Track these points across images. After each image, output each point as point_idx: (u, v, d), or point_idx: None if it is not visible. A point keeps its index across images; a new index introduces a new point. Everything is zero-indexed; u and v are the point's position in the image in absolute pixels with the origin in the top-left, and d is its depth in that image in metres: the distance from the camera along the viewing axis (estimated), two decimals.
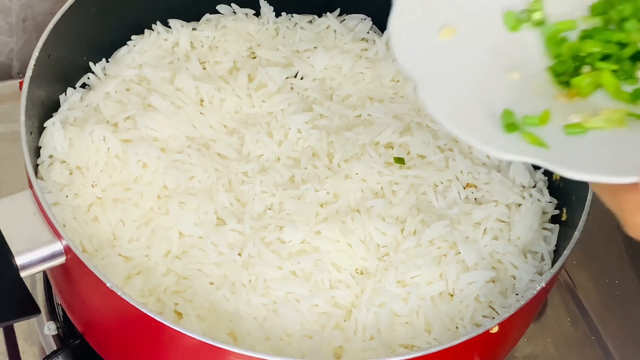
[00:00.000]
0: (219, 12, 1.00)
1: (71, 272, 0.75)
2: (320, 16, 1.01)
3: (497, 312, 0.79)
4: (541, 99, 0.63)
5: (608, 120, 0.60)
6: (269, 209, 0.83)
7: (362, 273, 0.80)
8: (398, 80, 0.95)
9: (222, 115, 0.90)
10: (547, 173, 0.89)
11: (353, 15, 1.01)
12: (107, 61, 0.94)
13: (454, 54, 0.64)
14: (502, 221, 0.84)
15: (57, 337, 0.91)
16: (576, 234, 0.76)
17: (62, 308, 0.92)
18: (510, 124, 0.60)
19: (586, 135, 0.60)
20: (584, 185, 0.80)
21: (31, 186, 0.76)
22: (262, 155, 0.87)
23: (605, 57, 0.64)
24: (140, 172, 0.83)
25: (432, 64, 0.63)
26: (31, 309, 0.74)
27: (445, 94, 0.62)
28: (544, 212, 0.86)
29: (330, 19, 1.00)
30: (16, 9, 1.15)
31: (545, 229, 0.85)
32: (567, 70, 0.64)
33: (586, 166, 0.56)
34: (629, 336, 0.98)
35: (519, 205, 0.85)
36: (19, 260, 0.73)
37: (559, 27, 0.66)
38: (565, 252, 0.75)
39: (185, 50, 0.95)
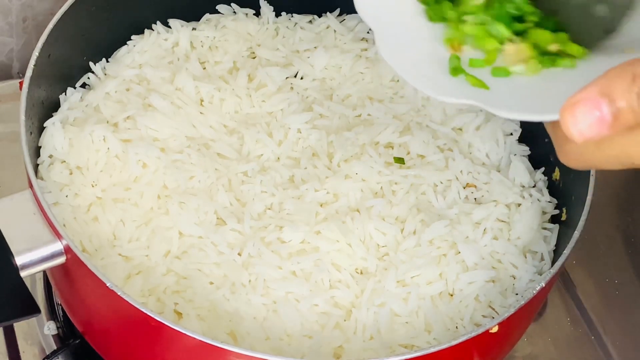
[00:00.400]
0: (219, 12, 1.00)
1: (71, 272, 0.75)
2: (320, 16, 1.01)
3: (497, 312, 0.79)
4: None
5: (530, 68, 0.63)
6: (269, 208, 0.83)
7: (362, 273, 0.80)
8: (398, 80, 0.95)
9: (222, 115, 0.90)
10: (547, 173, 0.89)
11: (353, 15, 1.01)
12: (107, 61, 0.94)
13: (412, 1, 0.67)
14: (502, 221, 0.84)
15: (57, 337, 0.91)
16: (576, 234, 0.76)
17: (62, 308, 0.92)
18: (456, 68, 0.62)
19: (521, 77, 0.62)
20: (583, 185, 0.80)
21: (31, 186, 0.76)
22: (262, 155, 0.87)
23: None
24: (140, 172, 0.83)
25: (391, 11, 0.65)
26: (31, 309, 0.74)
27: (402, 41, 0.64)
28: (544, 212, 0.87)
29: (330, 19, 1.00)
30: (16, 9, 1.15)
31: (545, 228, 0.85)
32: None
33: (519, 106, 0.59)
34: (629, 336, 0.98)
35: (519, 205, 0.85)
36: (19, 260, 0.73)
37: None
38: (565, 251, 0.75)
39: (185, 50, 0.95)
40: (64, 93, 0.90)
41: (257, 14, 1.00)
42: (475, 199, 0.86)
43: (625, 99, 0.49)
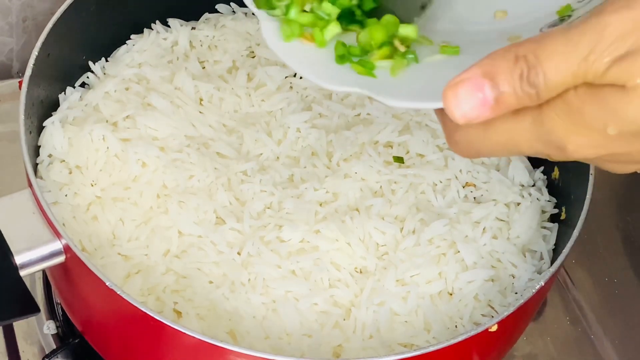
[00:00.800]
0: (218, 11, 1.00)
1: (70, 271, 0.75)
2: None
3: (496, 311, 0.79)
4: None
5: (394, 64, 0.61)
6: (268, 208, 0.83)
7: (361, 272, 0.80)
8: None
9: (221, 115, 0.90)
10: (546, 172, 0.89)
11: None
12: (107, 60, 0.94)
13: None
14: (501, 220, 0.84)
15: (56, 336, 0.91)
16: (575, 233, 0.76)
17: (61, 307, 0.92)
18: (341, 55, 0.61)
19: (409, 66, 0.60)
20: (583, 184, 0.80)
21: (30, 185, 0.76)
22: (261, 154, 0.87)
23: None
24: (139, 171, 0.83)
25: None
26: (30, 308, 0.74)
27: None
28: (543, 211, 0.87)
29: None
30: (16, 9, 1.15)
31: (544, 227, 0.85)
32: None
33: (404, 94, 0.57)
34: (629, 336, 0.98)
35: (518, 204, 0.85)
36: (19, 259, 0.73)
37: None
38: (564, 250, 0.75)
39: (185, 50, 0.95)
40: (63, 92, 0.90)
41: None
42: (474, 198, 0.86)
43: (507, 80, 0.47)
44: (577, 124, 0.48)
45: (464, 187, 0.86)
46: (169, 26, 0.97)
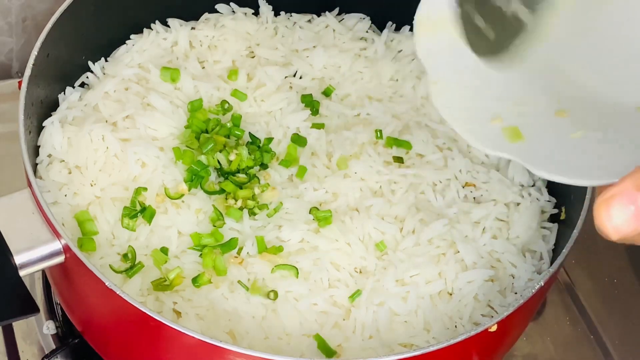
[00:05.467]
0: (218, 12, 1.00)
1: (70, 271, 0.75)
2: (319, 15, 1.01)
3: (496, 311, 0.79)
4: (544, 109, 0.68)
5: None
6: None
7: (361, 272, 0.80)
8: (397, 80, 0.95)
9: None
10: None
11: (352, 14, 1.01)
12: (106, 60, 0.94)
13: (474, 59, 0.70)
14: (501, 220, 0.84)
15: (56, 336, 0.91)
16: (575, 233, 0.76)
17: (61, 307, 0.92)
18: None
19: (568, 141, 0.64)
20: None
21: (30, 185, 0.76)
22: None
23: None
24: (139, 171, 0.83)
25: (452, 64, 0.69)
26: (30, 308, 0.74)
27: (457, 92, 0.68)
28: (543, 211, 0.86)
29: (329, 18, 1.00)
30: (16, 9, 1.15)
31: (544, 227, 0.85)
32: None
33: (552, 167, 0.61)
34: (628, 335, 0.98)
35: (518, 204, 0.85)
36: (18, 259, 0.73)
37: None
38: (564, 251, 0.75)
39: (184, 50, 0.95)
40: (62, 92, 0.90)
41: (256, 13, 1.00)
42: (474, 198, 0.86)
43: None
44: None
45: (463, 187, 0.86)
46: (168, 26, 0.97)
